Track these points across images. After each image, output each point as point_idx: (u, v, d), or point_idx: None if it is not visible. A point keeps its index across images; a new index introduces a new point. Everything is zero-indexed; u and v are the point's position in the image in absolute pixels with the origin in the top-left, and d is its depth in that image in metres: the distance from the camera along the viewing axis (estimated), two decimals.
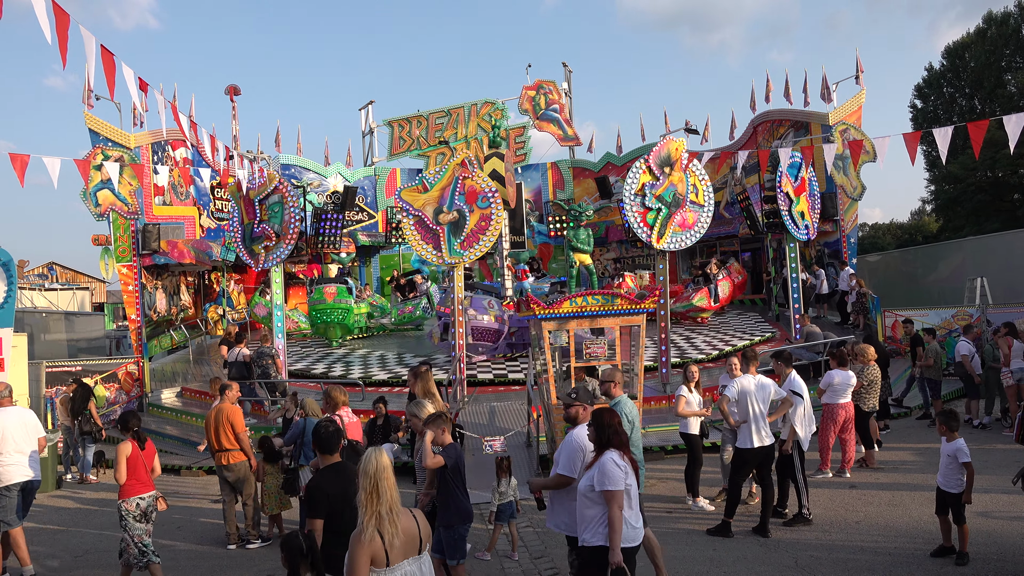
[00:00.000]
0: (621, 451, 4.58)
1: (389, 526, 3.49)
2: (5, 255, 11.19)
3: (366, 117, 28.84)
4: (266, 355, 13.12)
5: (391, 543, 3.48)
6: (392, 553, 3.48)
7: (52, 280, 42.92)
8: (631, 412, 6.76)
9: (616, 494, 4.40)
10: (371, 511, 3.51)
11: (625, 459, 4.56)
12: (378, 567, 3.47)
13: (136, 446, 6.73)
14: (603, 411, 4.83)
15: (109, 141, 16.84)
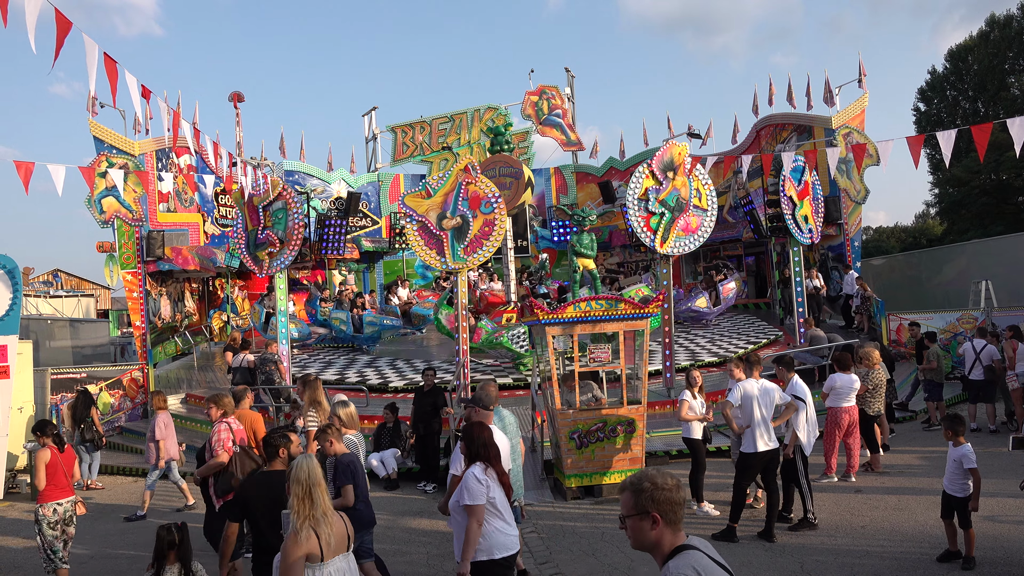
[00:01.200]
0: (488, 464, 4.65)
1: (326, 527, 3.81)
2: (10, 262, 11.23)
3: (369, 123, 28.91)
4: (270, 361, 13.13)
5: (328, 542, 3.80)
6: (327, 551, 3.80)
7: (57, 287, 43.04)
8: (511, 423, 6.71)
9: (476, 508, 4.47)
10: (304, 515, 3.79)
11: (490, 472, 4.61)
12: (313, 563, 3.78)
13: (56, 452, 6.81)
14: (473, 425, 4.93)
15: (114, 148, 16.91)
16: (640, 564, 6.85)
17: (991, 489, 7.97)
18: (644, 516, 2.62)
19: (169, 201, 19.48)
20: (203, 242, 20.53)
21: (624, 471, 9.23)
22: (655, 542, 2.63)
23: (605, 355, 9.38)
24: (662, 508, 2.61)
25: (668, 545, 2.61)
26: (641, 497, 2.64)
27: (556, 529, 8.08)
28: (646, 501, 2.62)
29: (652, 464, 10.13)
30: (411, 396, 12.49)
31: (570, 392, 9.42)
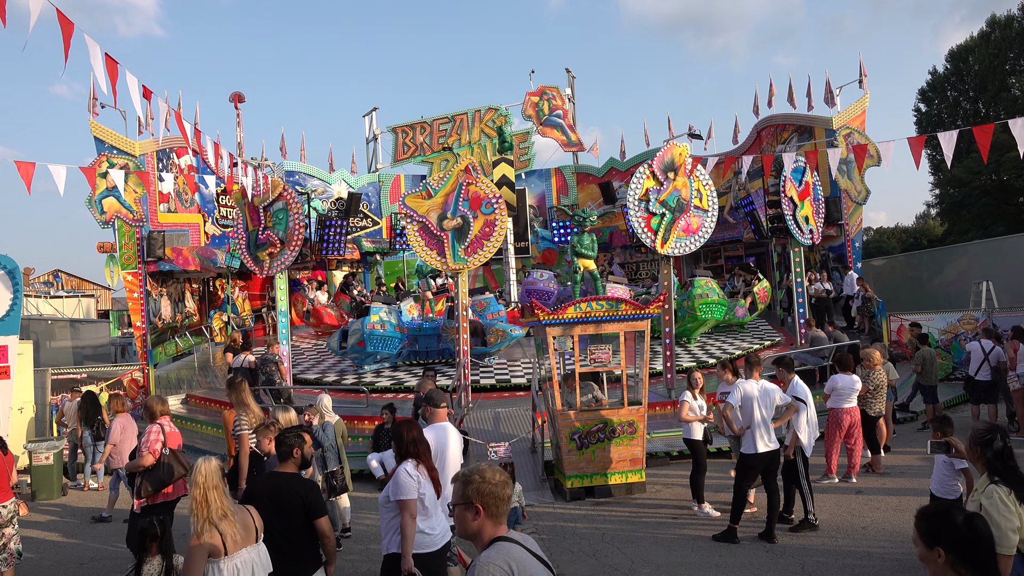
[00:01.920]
0: (419, 461, 4.75)
1: (228, 525, 3.98)
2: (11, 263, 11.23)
3: (370, 124, 28.92)
4: (270, 362, 13.12)
5: (233, 539, 3.98)
6: (231, 545, 3.97)
7: (58, 287, 43.03)
8: None
9: (408, 503, 4.57)
10: (203, 516, 3.94)
11: (420, 469, 4.71)
12: (216, 557, 3.94)
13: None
14: (403, 423, 5.02)
15: (114, 149, 16.91)
16: (641, 565, 6.85)
17: None
18: (468, 506, 2.80)
19: (170, 201, 19.48)
20: (204, 243, 20.53)
21: (625, 472, 9.23)
22: (476, 531, 2.80)
23: (605, 355, 9.37)
24: (485, 500, 2.78)
25: (488, 536, 2.78)
26: (468, 488, 2.81)
27: (556, 530, 8.07)
28: (472, 493, 2.80)
29: (653, 465, 10.13)
30: (410, 396, 12.48)
31: (571, 392, 9.42)
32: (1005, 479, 3.89)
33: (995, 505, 3.78)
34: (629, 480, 9.26)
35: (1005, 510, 3.73)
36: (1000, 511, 3.73)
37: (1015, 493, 3.79)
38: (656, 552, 7.16)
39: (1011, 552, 3.69)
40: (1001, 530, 3.67)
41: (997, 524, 3.67)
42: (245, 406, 7.75)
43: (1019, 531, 3.73)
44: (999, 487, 3.87)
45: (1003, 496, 3.80)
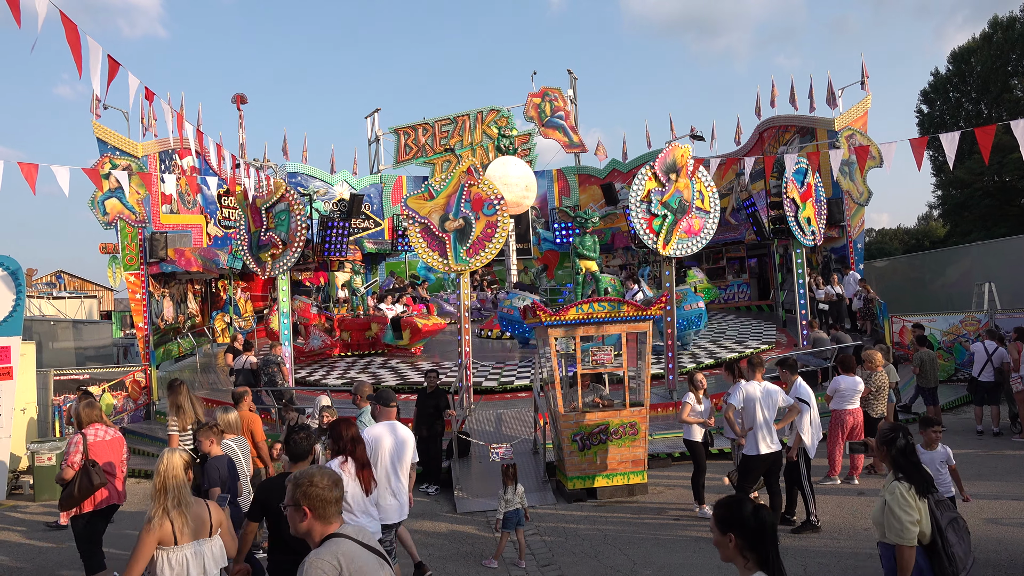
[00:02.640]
0: (347, 458, 4.89)
1: (178, 516, 4.09)
2: (13, 264, 11.26)
3: (372, 125, 28.97)
4: (272, 363, 13.13)
5: (181, 529, 4.09)
6: (180, 536, 4.09)
7: (60, 288, 43.09)
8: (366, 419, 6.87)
9: None
10: (159, 504, 4.10)
11: (346, 467, 4.85)
12: (166, 545, 4.08)
13: None
14: (339, 421, 5.20)
15: (117, 150, 16.92)
16: (643, 567, 6.85)
17: (994, 492, 7.97)
18: (296, 508, 3.00)
19: (172, 203, 19.50)
20: (206, 244, 20.55)
21: (627, 473, 9.23)
22: (306, 531, 3.00)
23: (607, 357, 9.37)
24: (312, 503, 2.97)
25: (318, 535, 2.96)
26: (296, 492, 3.01)
27: (558, 531, 8.07)
28: (299, 496, 3.00)
29: (655, 466, 10.12)
30: (412, 397, 12.49)
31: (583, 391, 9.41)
32: (908, 476, 4.14)
33: (896, 500, 4.06)
34: (631, 481, 9.26)
35: (906, 504, 4.00)
36: (901, 505, 4.01)
37: (915, 488, 4.07)
38: (658, 553, 7.16)
39: (912, 543, 3.98)
40: (902, 523, 3.98)
41: (899, 518, 3.99)
42: (179, 408, 7.90)
43: (919, 524, 4.00)
44: (901, 483, 4.13)
45: (904, 492, 4.06)
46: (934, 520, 4.06)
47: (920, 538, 4.04)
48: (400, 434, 5.84)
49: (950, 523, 4.10)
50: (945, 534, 4.05)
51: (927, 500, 4.11)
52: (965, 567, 4.04)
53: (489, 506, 8.98)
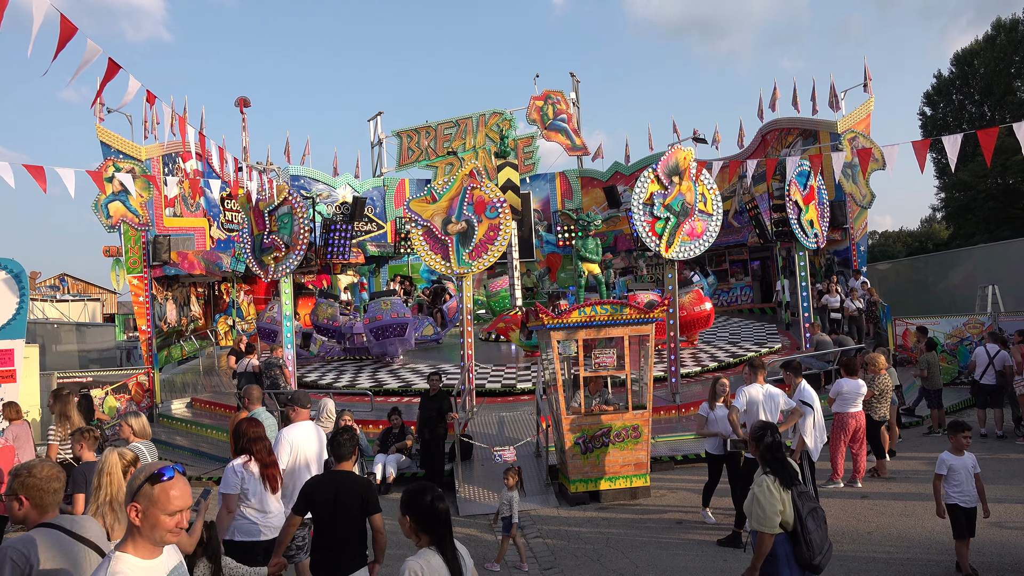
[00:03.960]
0: (251, 457, 5.11)
1: (110, 513, 4.15)
2: (17, 266, 11.28)
3: (375, 128, 28.99)
4: (275, 365, 13.14)
5: (112, 526, 4.11)
6: (112, 532, 4.05)
7: (64, 291, 43.17)
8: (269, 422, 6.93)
9: (227, 497, 5.02)
10: (94, 501, 4.20)
11: (250, 466, 5.09)
12: None
13: None
14: (242, 420, 5.44)
15: (120, 153, 16.97)
16: (645, 570, 6.84)
17: (997, 495, 7.93)
18: (14, 497, 3.26)
19: (175, 206, 19.54)
20: (209, 247, 20.58)
21: (629, 476, 9.22)
22: (23, 519, 3.29)
23: (610, 360, 9.36)
24: (29, 492, 3.25)
25: (32, 522, 3.25)
26: (15, 481, 3.28)
27: (561, 534, 8.06)
28: (17, 486, 3.26)
29: (657, 469, 10.10)
30: (415, 400, 12.49)
31: (589, 394, 9.39)
32: (774, 470, 4.57)
33: (763, 492, 4.48)
34: (633, 484, 9.24)
35: (770, 496, 4.43)
36: (766, 496, 4.43)
37: (780, 481, 4.49)
38: (660, 557, 7.14)
39: (772, 531, 4.41)
40: (765, 512, 4.41)
41: (763, 507, 4.43)
42: (65, 417, 8.01)
43: (782, 514, 4.41)
44: (768, 476, 4.56)
45: (770, 484, 4.49)
46: (796, 510, 4.45)
47: (784, 526, 4.44)
48: (315, 435, 6.02)
49: (810, 513, 4.48)
50: (805, 522, 4.44)
51: (791, 492, 4.50)
52: (821, 552, 4.44)
53: (491, 509, 8.97)
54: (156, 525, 2.56)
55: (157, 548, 2.61)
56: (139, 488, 2.58)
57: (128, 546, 2.57)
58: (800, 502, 4.48)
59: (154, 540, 2.59)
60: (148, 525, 2.56)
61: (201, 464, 13.00)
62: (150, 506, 2.56)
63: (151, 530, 2.56)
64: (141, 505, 2.56)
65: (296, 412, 6.11)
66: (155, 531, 2.56)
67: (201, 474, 12.25)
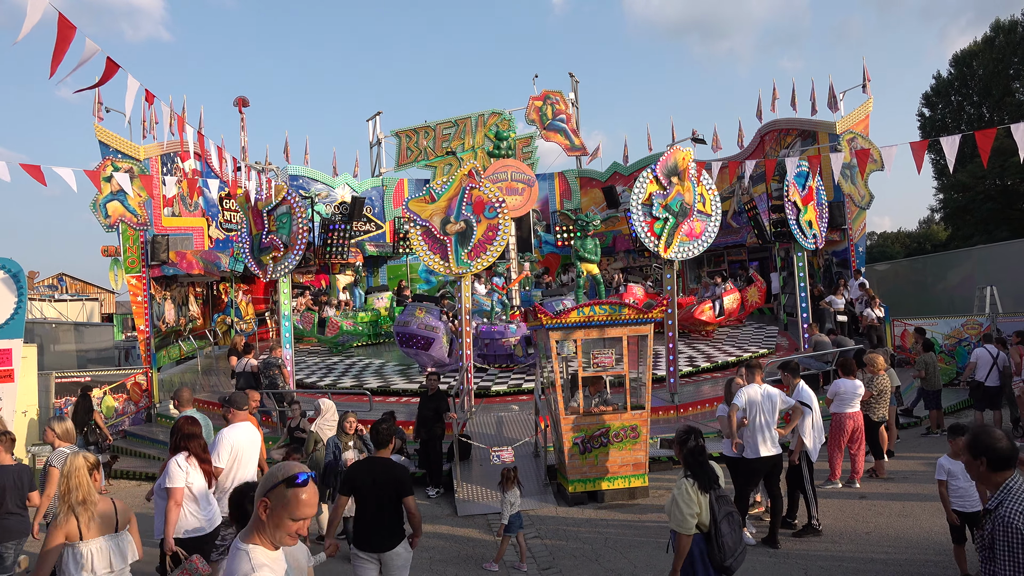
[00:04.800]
0: (189, 454, 5.45)
1: (83, 512, 4.34)
2: (15, 266, 11.26)
3: (374, 128, 28.96)
4: (273, 365, 13.13)
5: (87, 524, 4.35)
6: (86, 532, 4.35)
7: (62, 291, 43.11)
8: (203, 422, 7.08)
9: (173, 491, 5.27)
10: (64, 502, 4.37)
11: (191, 461, 5.42)
12: (72, 540, 4.34)
13: None
14: (183, 419, 5.75)
15: (119, 153, 16.95)
16: (643, 571, 6.84)
17: None
18: None
19: (174, 206, 19.52)
20: (207, 246, 20.57)
21: (628, 476, 9.22)
22: None
23: (609, 360, 9.36)
24: None
25: None
26: None
27: (559, 534, 8.06)
28: None
29: (656, 469, 10.10)
30: (413, 400, 12.48)
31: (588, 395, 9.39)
32: (694, 473, 4.76)
33: (681, 494, 4.68)
34: (632, 484, 9.24)
35: (688, 499, 4.61)
36: (684, 499, 4.62)
37: (698, 485, 4.68)
38: (659, 557, 7.14)
39: (689, 532, 4.60)
40: (683, 514, 4.60)
41: (680, 510, 4.60)
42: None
43: (698, 516, 4.61)
44: (687, 480, 4.75)
45: (688, 487, 4.67)
46: (713, 513, 4.63)
47: (700, 527, 4.62)
48: (251, 436, 6.33)
49: (726, 516, 4.66)
50: (720, 526, 4.62)
51: (709, 495, 4.68)
52: (733, 554, 4.61)
53: (490, 509, 8.97)
54: (279, 526, 2.57)
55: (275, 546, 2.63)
56: (275, 486, 2.59)
57: (255, 537, 2.59)
58: (717, 506, 4.66)
59: (273, 540, 2.60)
60: (272, 524, 2.57)
61: None
62: (280, 507, 2.57)
63: (274, 529, 2.58)
64: (271, 503, 2.58)
65: (233, 414, 6.43)
66: (277, 531, 2.58)
67: None
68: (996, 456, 3.29)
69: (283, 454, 8.88)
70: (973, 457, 3.35)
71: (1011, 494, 3.21)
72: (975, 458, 3.34)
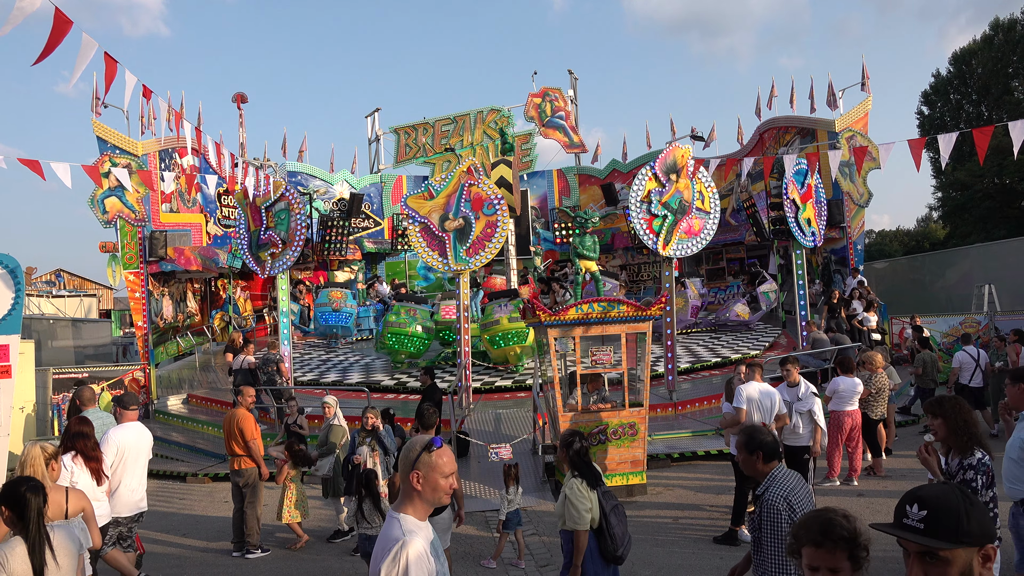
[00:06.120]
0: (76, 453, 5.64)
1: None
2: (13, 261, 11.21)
3: (372, 124, 28.93)
4: (271, 362, 13.11)
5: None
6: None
7: (59, 287, 43.04)
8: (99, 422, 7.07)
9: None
10: None
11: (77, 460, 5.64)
12: None
13: None
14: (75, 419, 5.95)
15: (117, 148, 16.91)
16: (642, 567, 6.83)
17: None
18: None
19: (172, 201, 19.49)
20: (205, 243, 20.54)
21: (626, 474, 9.21)
22: None
23: (607, 357, 9.34)
24: None
25: None
26: None
27: (557, 531, 8.04)
28: None
29: (653, 467, 10.09)
30: (411, 398, 12.48)
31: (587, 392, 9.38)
32: (582, 473, 5.03)
33: (574, 493, 4.90)
34: (630, 482, 9.24)
35: (581, 496, 4.86)
36: (578, 497, 4.86)
37: (587, 483, 4.96)
38: (656, 554, 7.14)
39: (586, 528, 4.83)
40: (579, 512, 4.82)
41: (576, 508, 4.82)
42: None
43: (591, 511, 4.85)
44: (577, 479, 5.00)
45: (578, 486, 4.93)
46: (601, 508, 4.90)
47: (591, 523, 4.88)
48: (139, 435, 6.48)
49: (612, 509, 4.93)
50: (609, 518, 4.88)
51: (596, 492, 4.95)
52: (622, 544, 4.90)
53: (488, 506, 8.96)
54: (436, 487, 2.84)
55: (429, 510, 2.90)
56: (418, 457, 2.84)
57: (408, 508, 2.84)
58: (604, 501, 4.94)
59: (433, 501, 2.88)
60: (429, 488, 2.83)
61: (197, 460, 12.98)
62: (430, 471, 2.83)
63: (432, 492, 2.84)
64: (422, 472, 2.83)
65: (121, 413, 6.55)
66: (436, 492, 2.85)
67: (197, 470, 12.24)
68: (768, 450, 3.80)
69: (281, 451, 8.85)
70: (749, 453, 3.82)
71: (775, 481, 3.72)
72: (751, 454, 3.82)
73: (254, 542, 8.06)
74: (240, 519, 8.10)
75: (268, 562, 7.83)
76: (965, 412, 4.64)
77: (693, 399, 13.09)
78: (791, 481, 3.75)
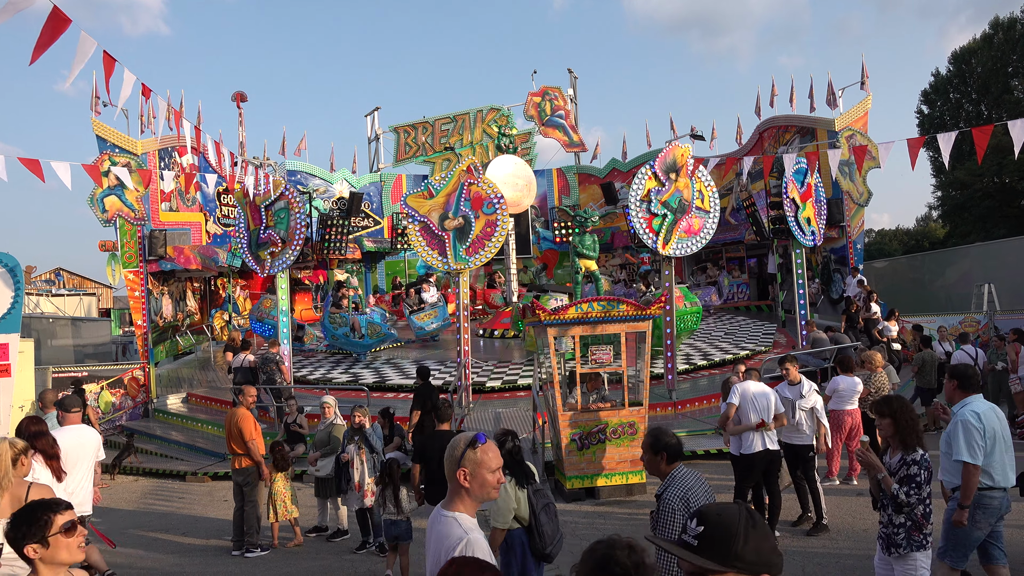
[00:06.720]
0: (36, 452, 5.49)
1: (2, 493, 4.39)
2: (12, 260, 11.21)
3: (372, 123, 28.92)
4: (271, 361, 13.11)
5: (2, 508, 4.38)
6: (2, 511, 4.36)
7: (59, 286, 43.04)
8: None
9: None
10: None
11: (38, 458, 5.55)
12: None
13: None
14: (24, 419, 5.96)
15: (116, 147, 16.90)
16: None
17: None
18: None
19: (171, 200, 19.48)
20: (205, 241, 20.53)
21: (625, 473, 9.21)
22: None
23: (607, 356, 9.35)
24: None
25: None
26: None
27: None
28: None
29: None
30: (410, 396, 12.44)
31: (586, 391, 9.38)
32: (512, 472, 5.07)
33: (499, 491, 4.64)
34: (629, 481, 9.24)
35: (506, 495, 4.92)
36: (502, 496, 4.88)
37: (515, 482, 5.03)
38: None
39: (505, 526, 4.91)
40: (501, 509, 4.91)
41: (499, 505, 4.90)
42: None
43: (515, 511, 4.94)
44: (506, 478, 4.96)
45: (506, 485, 4.92)
46: (531, 506, 4.98)
47: (520, 521, 4.96)
48: (81, 438, 6.37)
49: (543, 508, 5.02)
50: (539, 516, 4.98)
51: (526, 491, 5.03)
52: (552, 542, 5.02)
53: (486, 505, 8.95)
54: (484, 483, 2.87)
55: (477, 506, 2.93)
56: (463, 455, 2.86)
57: (459, 506, 2.87)
58: (535, 499, 5.03)
59: (481, 497, 2.90)
60: (477, 484, 2.86)
61: (197, 459, 12.98)
62: (476, 468, 2.85)
63: (480, 488, 2.87)
64: (468, 468, 2.85)
65: (63, 416, 6.50)
66: (484, 488, 2.88)
67: (196, 469, 12.24)
68: (672, 451, 3.97)
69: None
70: (655, 453, 3.97)
71: (675, 480, 3.91)
72: (656, 454, 3.97)
73: (254, 541, 8.06)
74: (240, 518, 8.11)
75: (268, 561, 7.83)
76: (911, 411, 4.70)
77: (693, 398, 13.10)
78: (690, 480, 3.90)
